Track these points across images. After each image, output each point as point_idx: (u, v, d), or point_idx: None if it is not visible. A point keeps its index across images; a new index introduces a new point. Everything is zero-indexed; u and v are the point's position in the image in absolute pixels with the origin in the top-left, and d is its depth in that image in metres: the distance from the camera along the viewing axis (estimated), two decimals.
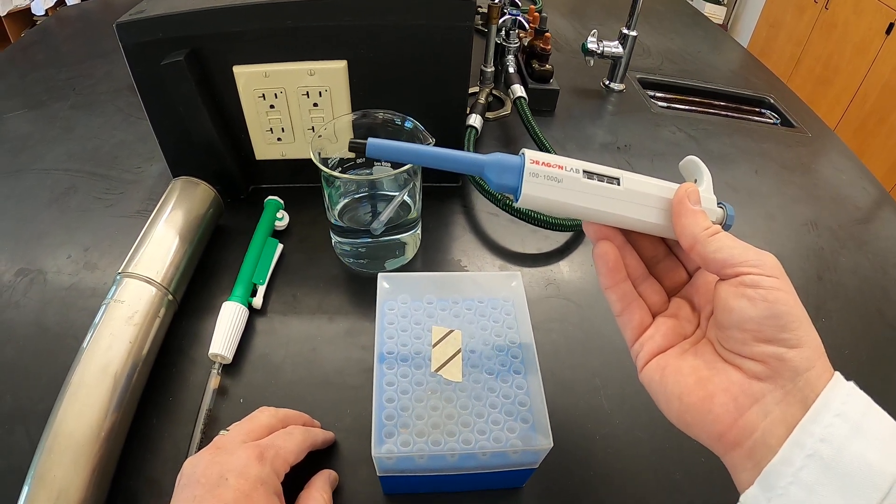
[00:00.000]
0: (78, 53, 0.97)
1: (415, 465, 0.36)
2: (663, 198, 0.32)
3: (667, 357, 0.32)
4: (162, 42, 0.51)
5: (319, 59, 0.53)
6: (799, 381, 0.26)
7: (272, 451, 0.36)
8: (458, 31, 0.53)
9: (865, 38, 2.22)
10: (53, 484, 0.35)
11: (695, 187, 0.32)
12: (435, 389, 0.37)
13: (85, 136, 0.73)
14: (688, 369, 0.30)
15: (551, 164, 0.31)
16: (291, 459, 0.37)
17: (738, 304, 0.28)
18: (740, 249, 0.29)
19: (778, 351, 0.27)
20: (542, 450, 0.35)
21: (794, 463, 0.25)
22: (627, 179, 0.32)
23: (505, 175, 0.32)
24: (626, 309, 0.34)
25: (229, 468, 0.33)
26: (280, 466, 0.36)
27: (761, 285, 0.27)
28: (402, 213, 0.53)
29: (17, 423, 0.42)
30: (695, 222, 0.31)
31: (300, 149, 0.59)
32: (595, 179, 0.32)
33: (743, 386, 0.28)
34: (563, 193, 0.31)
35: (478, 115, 0.69)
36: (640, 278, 0.35)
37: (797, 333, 0.27)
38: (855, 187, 0.75)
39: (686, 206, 0.31)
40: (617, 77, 0.90)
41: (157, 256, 0.48)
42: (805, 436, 0.25)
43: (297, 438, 0.38)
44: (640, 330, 0.34)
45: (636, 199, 0.32)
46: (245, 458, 0.34)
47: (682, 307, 0.34)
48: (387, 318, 0.41)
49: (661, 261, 0.36)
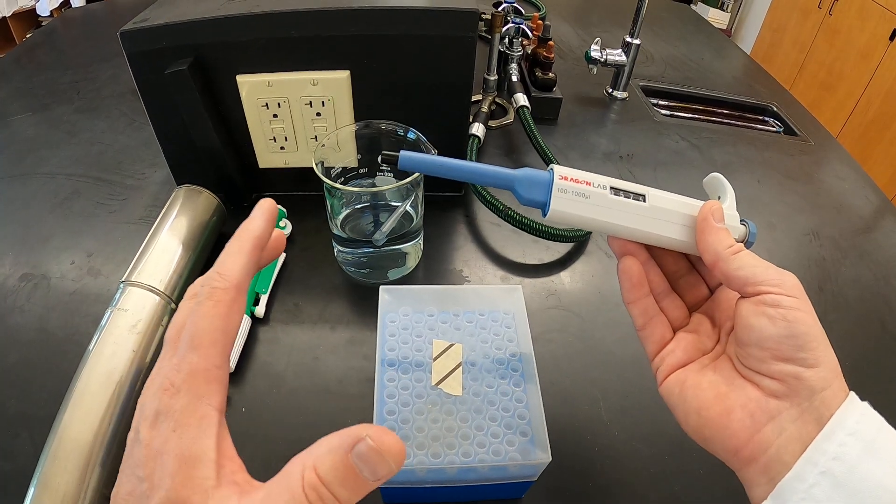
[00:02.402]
0: (82, 56, 0.98)
1: (415, 477, 0.36)
2: (687, 215, 0.33)
3: (686, 371, 0.33)
4: (166, 51, 0.51)
5: (323, 68, 0.54)
6: (815, 399, 0.27)
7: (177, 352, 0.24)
8: (462, 42, 0.53)
9: (869, 44, 2.21)
10: (58, 489, 0.35)
11: (719, 205, 0.33)
12: (435, 402, 0.37)
13: (89, 141, 0.74)
14: (707, 384, 0.31)
15: (579, 181, 0.32)
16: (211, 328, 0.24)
17: (759, 323, 0.28)
18: (762, 268, 0.30)
19: (795, 370, 0.27)
20: (540, 463, 0.35)
21: (806, 479, 0.25)
22: (653, 196, 0.33)
23: (533, 190, 0.32)
24: (648, 324, 0.35)
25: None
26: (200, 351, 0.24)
27: (781, 305, 0.28)
28: (405, 223, 0.53)
29: (22, 428, 0.43)
30: (718, 240, 0.31)
31: (303, 158, 0.60)
32: (622, 196, 0.32)
33: (760, 403, 0.28)
34: (589, 209, 0.32)
35: (481, 124, 0.69)
36: (662, 294, 0.36)
37: (815, 353, 0.27)
38: (857, 196, 0.76)
39: (710, 223, 0.32)
40: (620, 85, 0.90)
41: (161, 265, 0.48)
42: (818, 454, 0.26)
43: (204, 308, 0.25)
44: (661, 344, 0.34)
45: (661, 216, 0.33)
46: (145, 399, 0.23)
47: (703, 323, 0.35)
48: (388, 331, 0.42)
49: (683, 276, 0.36)
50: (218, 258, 0.28)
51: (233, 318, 0.25)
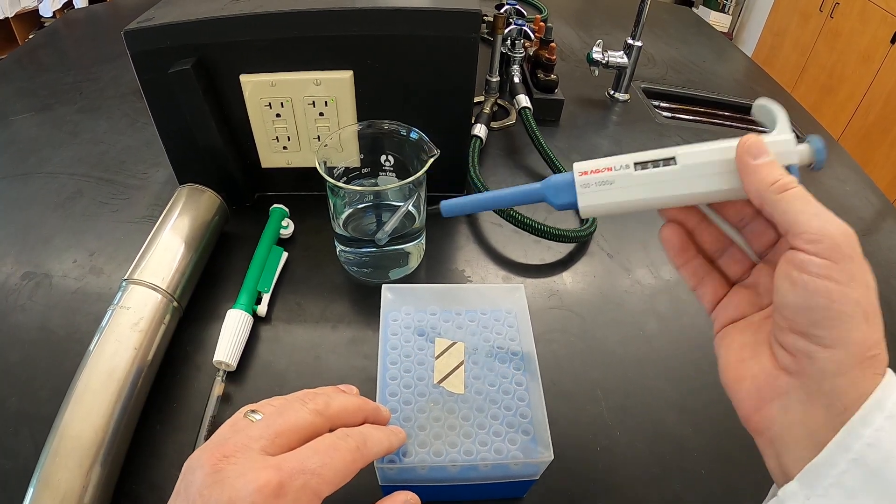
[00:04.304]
0: (85, 57, 0.98)
1: (417, 475, 0.36)
2: (727, 160, 0.29)
3: (732, 328, 0.31)
4: (169, 50, 0.51)
5: (326, 69, 0.54)
6: (824, 384, 0.24)
7: (300, 480, 0.26)
8: (464, 43, 0.53)
9: (870, 47, 2.22)
10: (58, 487, 0.35)
11: (756, 138, 0.28)
12: (437, 400, 0.37)
13: (91, 141, 0.74)
14: (737, 346, 0.29)
15: (599, 170, 0.31)
16: (326, 492, 0.28)
17: (781, 286, 0.26)
18: (808, 215, 0.25)
19: (808, 347, 0.25)
20: (542, 462, 0.35)
21: (837, 465, 0.23)
22: (683, 155, 0.30)
23: (561, 194, 0.32)
24: (700, 284, 0.33)
25: (228, 498, 0.25)
26: (307, 503, 0.27)
27: (808, 268, 0.24)
28: (407, 223, 0.53)
29: (23, 426, 0.43)
30: (758, 179, 0.27)
31: (306, 157, 0.60)
32: (649, 167, 0.30)
33: (769, 378, 0.27)
34: (619, 194, 0.31)
35: (483, 125, 0.69)
36: (719, 251, 0.33)
37: (834, 333, 0.24)
38: (858, 198, 0.76)
39: (747, 163, 0.28)
40: (622, 87, 0.91)
41: (163, 263, 0.48)
42: (852, 438, 0.23)
43: (344, 457, 0.29)
44: (714, 301, 0.32)
45: (699, 172, 0.30)
46: (253, 490, 0.25)
47: (764, 274, 0.31)
48: (390, 330, 0.42)
49: (750, 221, 0.31)
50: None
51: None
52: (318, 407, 0.31)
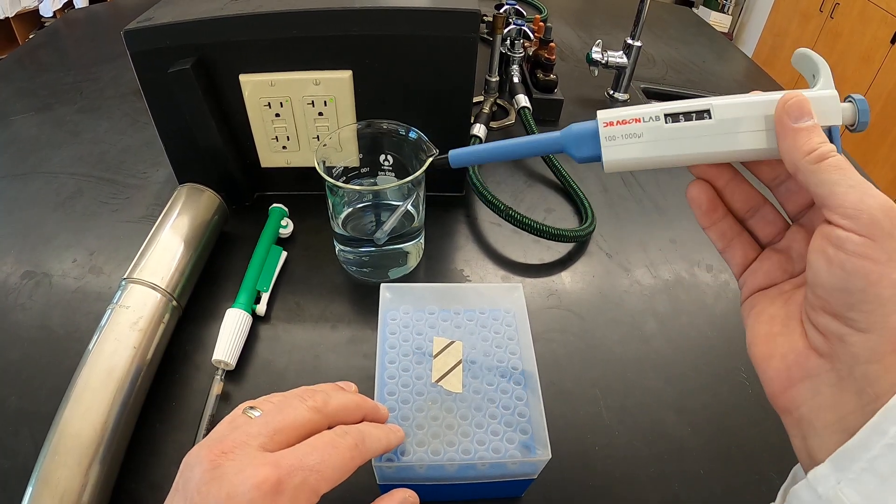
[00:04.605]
0: (85, 57, 0.98)
1: (414, 474, 0.36)
2: (768, 116, 0.27)
3: (760, 297, 0.29)
4: (169, 50, 0.52)
5: (325, 68, 0.54)
6: (856, 370, 0.23)
7: (298, 477, 0.26)
8: (463, 42, 0.53)
9: (871, 48, 2.22)
10: (57, 486, 0.35)
11: (799, 96, 0.26)
12: (435, 400, 0.38)
13: (91, 140, 0.74)
14: (766, 317, 0.28)
15: (626, 120, 0.28)
16: (324, 489, 0.27)
17: (816, 263, 0.24)
18: (844, 188, 0.24)
19: (841, 330, 0.24)
20: (540, 461, 0.35)
21: (871, 449, 0.22)
22: (719, 108, 0.28)
23: (584, 146, 0.30)
24: (728, 246, 0.31)
25: (226, 495, 0.25)
26: (305, 500, 0.27)
27: (845, 247, 0.23)
28: (406, 222, 0.53)
29: (22, 425, 0.43)
30: (795, 146, 0.25)
31: (305, 157, 0.60)
32: (681, 121, 0.28)
33: (800, 357, 0.26)
34: (647, 149, 0.28)
35: (482, 125, 0.69)
36: (751, 210, 0.31)
37: (870, 317, 0.23)
38: None
39: (785, 124, 0.26)
40: (621, 87, 0.90)
41: (163, 262, 0.48)
42: (888, 422, 0.22)
43: (342, 454, 0.29)
44: (744, 265, 0.31)
45: (735, 128, 0.28)
46: (252, 486, 0.25)
47: (798, 238, 0.29)
48: (389, 329, 0.42)
49: (784, 181, 0.30)
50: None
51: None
52: (316, 404, 0.31)
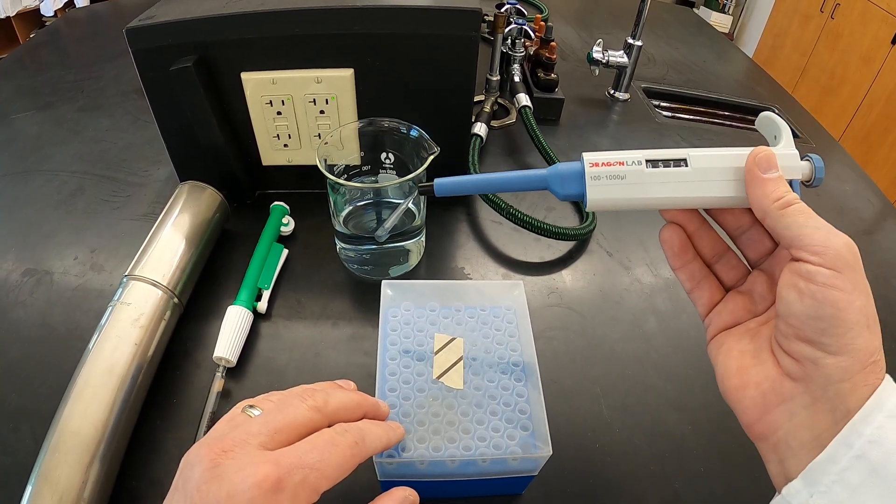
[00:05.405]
0: (86, 55, 0.98)
1: (415, 470, 0.36)
2: (737, 168, 0.30)
3: (727, 335, 0.31)
4: (171, 48, 0.52)
5: (326, 66, 0.54)
6: (829, 390, 0.25)
7: (298, 475, 0.26)
8: (465, 41, 0.53)
9: (871, 48, 2.22)
10: (58, 483, 0.35)
11: (767, 151, 0.29)
12: (436, 396, 0.38)
13: (93, 139, 0.74)
14: (736, 353, 0.30)
15: (611, 163, 0.30)
16: (324, 486, 0.28)
17: (788, 295, 0.26)
18: (810, 229, 0.26)
19: (814, 354, 0.25)
20: (541, 457, 0.35)
21: (839, 462, 0.24)
22: (695, 158, 0.30)
23: (568, 184, 0.31)
24: (696, 287, 0.34)
25: (226, 493, 0.25)
26: (306, 498, 0.27)
27: (815, 279, 0.25)
28: (407, 220, 0.53)
29: (23, 422, 0.43)
30: (764, 193, 0.28)
31: (306, 155, 0.60)
32: (660, 167, 0.30)
33: (774, 383, 0.27)
34: (628, 190, 0.30)
35: (483, 124, 0.69)
36: (716, 256, 0.34)
37: (840, 340, 0.25)
38: (859, 199, 0.76)
39: (755, 175, 0.29)
40: (622, 86, 0.91)
41: (164, 260, 0.48)
42: (854, 436, 0.24)
43: (342, 452, 0.29)
44: (709, 306, 0.33)
45: (708, 177, 0.30)
46: (252, 484, 0.25)
47: (759, 282, 0.32)
48: (390, 325, 0.42)
49: (746, 230, 0.33)
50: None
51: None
52: (316, 403, 0.31)
